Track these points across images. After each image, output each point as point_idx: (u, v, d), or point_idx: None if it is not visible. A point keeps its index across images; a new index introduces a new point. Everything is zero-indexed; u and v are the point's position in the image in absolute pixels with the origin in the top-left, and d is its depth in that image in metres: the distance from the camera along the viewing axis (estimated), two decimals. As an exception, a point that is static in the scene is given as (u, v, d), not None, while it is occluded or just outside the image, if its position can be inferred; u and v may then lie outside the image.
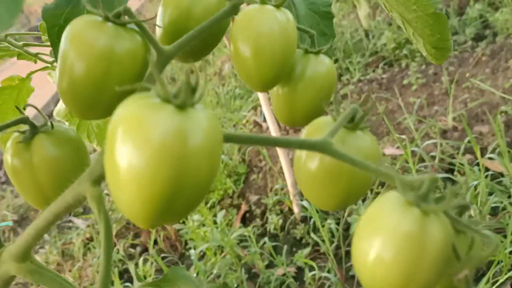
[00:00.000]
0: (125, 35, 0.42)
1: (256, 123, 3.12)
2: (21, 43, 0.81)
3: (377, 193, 1.96)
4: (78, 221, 2.89)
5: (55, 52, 0.49)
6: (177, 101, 0.31)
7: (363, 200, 2.00)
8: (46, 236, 2.71)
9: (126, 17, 0.43)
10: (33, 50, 0.87)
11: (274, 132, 2.29)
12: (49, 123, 0.49)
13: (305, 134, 0.40)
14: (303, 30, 0.48)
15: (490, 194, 1.77)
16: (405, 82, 2.97)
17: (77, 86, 0.42)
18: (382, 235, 0.29)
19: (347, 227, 2.02)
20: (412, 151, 2.05)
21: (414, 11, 0.61)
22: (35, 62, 0.90)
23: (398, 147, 2.27)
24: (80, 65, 0.42)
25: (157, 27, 0.48)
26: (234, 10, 0.45)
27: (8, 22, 0.24)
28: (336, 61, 3.70)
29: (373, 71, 3.38)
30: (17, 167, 0.48)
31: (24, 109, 0.74)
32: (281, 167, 2.38)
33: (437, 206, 0.29)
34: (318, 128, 0.39)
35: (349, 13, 4.46)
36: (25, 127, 0.48)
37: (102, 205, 0.41)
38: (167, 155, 0.30)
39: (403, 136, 2.24)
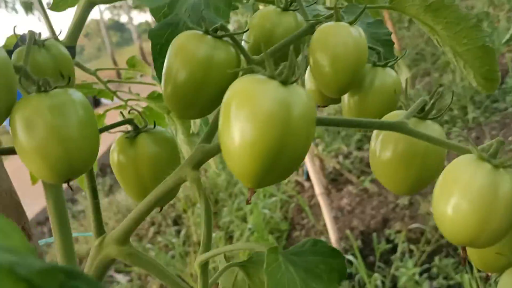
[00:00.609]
0: (221, 46, 0.50)
1: (298, 183, 3.17)
2: (105, 79, 0.91)
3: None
4: (119, 276, 2.94)
5: (155, 66, 0.57)
6: (281, 78, 0.37)
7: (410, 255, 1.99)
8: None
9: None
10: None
11: (317, 189, 2.33)
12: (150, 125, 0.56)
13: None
14: (371, 48, 0.55)
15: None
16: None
17: (180, 90, 0.50)
18: (459, 187, 0.34)
19: (394, 284, 2.00)
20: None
21: (465, 45, 0.67)
22: (112, 100, 0.99)
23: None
24: (183, 72, 0.49)
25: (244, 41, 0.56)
26: (311, 29, 0.53)
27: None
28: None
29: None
30: (122, 162, 0.55)
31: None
32: (324, 224, 2.40)
33: (505, 160, 0.34)
34: (391, 118, 0.45)
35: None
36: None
37: (201, 185, 0.47)
38: (274, 120, 0.36)
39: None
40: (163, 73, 0.52)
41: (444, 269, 2.06)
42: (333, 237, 2.26)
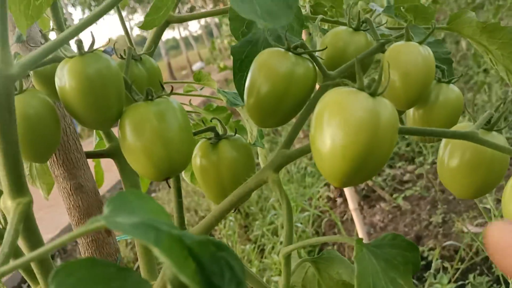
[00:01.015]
0: (301, 62, 0.55)
1: (330, 198, 3.20)
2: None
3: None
4: None
5: (235, 80, 0.63)
6: (370, 90, 0.43)
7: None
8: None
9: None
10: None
11: (351, 204, 2.37)
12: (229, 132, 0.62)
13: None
14: (436, 66, 0.60)
15: None
16: None
17: (262, 101, 0.56)
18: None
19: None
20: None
21: (519, 64, 0.72)
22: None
23: (477, 225, 2.28)
24: (266, 85, 0.55)
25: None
26: (381, 47, 0.59)
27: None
28: (408, 144, 3.79)
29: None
30: (205, 165, 0.61)
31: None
32: (357, 239, 2.43)
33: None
34: (460, 129, 0.49)
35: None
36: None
37: (281, 186, 0.52)
38: (364, 127, 0.41)
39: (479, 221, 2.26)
40: (246, 86, 0.58)
41: (479, 287, 2.06)
42: (366, 252, 2.28)
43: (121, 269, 0.28)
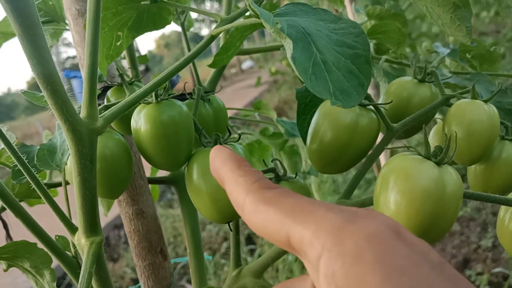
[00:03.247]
0: (365, 113, 0.56)
1: (376, 213, 3.17)
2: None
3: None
4: (190, 286, 3.05)
5: (298, 122, 0.65)
6: (437, 159, 0.44)
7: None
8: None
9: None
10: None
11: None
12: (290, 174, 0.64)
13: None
14: (501, 123, 0.60)
15: None
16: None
17: (325, 149, 0.57)
18: None
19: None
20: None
21: None
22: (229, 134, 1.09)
23: None
24: (330, 133, 0.56)
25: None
26: (446, 101, 0.59)
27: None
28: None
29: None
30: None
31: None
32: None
33: None
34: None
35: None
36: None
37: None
38: (429, 197, 0.42)
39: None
40: (309, 131, 0.59)
41: (527, 318, 2.00)
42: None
43: None
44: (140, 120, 0.53)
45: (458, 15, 0.49)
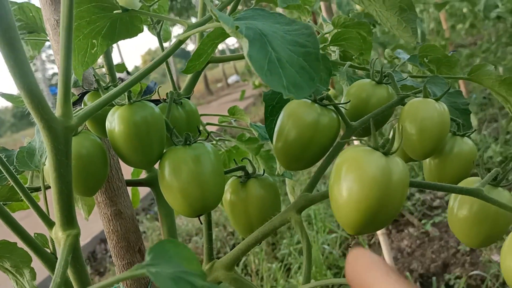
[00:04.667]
0: (326, 113, 0.61)
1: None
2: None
3: None
4: None
5: (266, 123, 0.69)
6: (384, 150, 0.48)
7: None
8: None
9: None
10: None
11: (385, 251, 2.34)
12: (259, 171, 0.68)
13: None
14: (452, 119, 0.64)
15: None
16: (512, 193, 2.97)
17: (289, 147, 0.61)
18: None
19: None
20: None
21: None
22: (206, 139, 1.12)
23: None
24: (294, 132, 0.60)
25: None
26: (401, 101, 0.63)
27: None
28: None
29: (479, 181, 3.40)
30: (234, 201, 0.67)
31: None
32: (383, 264, 2.43)
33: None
34: (468, 184, 0.54)
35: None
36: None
37: (303, 226, 0.57)
38: (377, 184, 0.46)
39: None
40: (275, 131, 0.63)
41: (505, 320, 2.05)
42: (392, 278, 2.29)
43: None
44: (114, 121, 0.57)
45: (404, 17, 0.54)
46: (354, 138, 0.63)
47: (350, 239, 0.56)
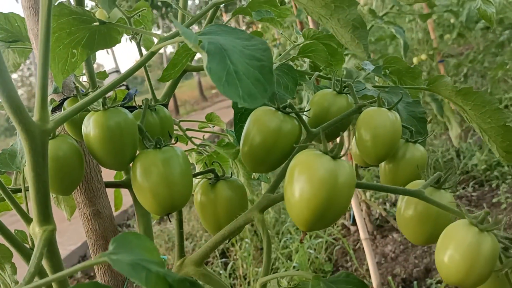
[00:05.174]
0: (288, 120, 0.65)
1: (344, 226, 3.27)
2: (185, 128, 1.09)
3: None
4: None
5: (235, 129, 0.74)
6: (332, 154, 0.53)
7: None
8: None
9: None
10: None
11: (362, 234, 2.43)
12: (228, 174, 0.72)
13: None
14: (405, 127, 0.69)
15: None
16: (494, 200, 3.03)
17: (255, 151, 0.66)
18: (453, 243, 0.48)
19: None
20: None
21: (489, 123, 0.80)
22: (186, 144, 1.17)
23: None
24: (258, 137, 0.65)
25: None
26: (359, 110, 0.68)
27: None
28: (426, 176, 3.84)
29: (463, 188, 3.47)
30: (204, 202, 0.71)
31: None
32: (367, 269, 2.49)
33: (488, 226, 0.48)
34: (414, 186, 0.59)
35: (441, 134, 4.63)
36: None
37: (265, 224, 0.62)
38: (325, 185, 0.51)
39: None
40: (242, 136, 0.68)
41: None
42: (374, 282, 2.34)
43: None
44: (90, 126, 0.62)
45: (357, 34, 0.59)
46: (315, 143, 0.68)
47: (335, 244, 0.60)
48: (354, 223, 3.19)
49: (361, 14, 2.49)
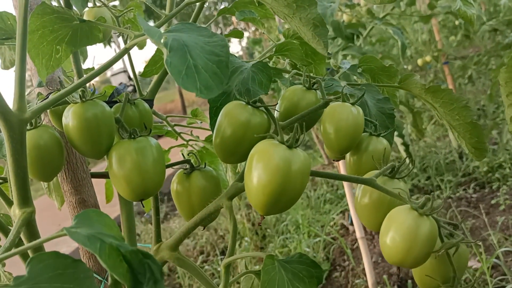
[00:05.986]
0: (257, 113, 0.69)
1: (343, 226, 3.30)
2: (173, 123, 1.13)
3: None
4: None
5: (211, 122, 0.78)
6: (288, 143, 0.57)
7: None
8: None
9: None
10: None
11: (358, 233, 2.46)
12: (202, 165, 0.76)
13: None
14: (370, 121, 0.73)
15: None
16: (493, 202, 3.05)
17: (225, 142, 0.70)
18: (394, 226, 0.52)
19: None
20: (495, 266, 2.14)
21: (457, 120, 0.84)
22: (176, 139, 1.21)
23: (479, 260, 2.34)
24: (229, 130, 0.69)
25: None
26: (325, 105, 0.72)
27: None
28: (428, 178, 3.86)
29: (464, 190, 3.48)
30: (179, 190, 0.75)
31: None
32: (364, 268, 2.52)
33: (426, 210, 0.51)
34: (370, 176, 0.62)
35: (444, 136, 4.65)
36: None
37: (232, 211, 0.66)
38: (280, 171, 0.55)
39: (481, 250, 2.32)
40: (215, 128, 0.72)
41: (476, 323, 2.12)
42: (370, 281, 2.37)
43: (75, 260, 0.43)
44: (69, 117, 0.66)
45: (317, 32, 0.63)
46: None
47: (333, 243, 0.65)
48: (352, 223, 3.22)
49: (359, 15, 2.51)
